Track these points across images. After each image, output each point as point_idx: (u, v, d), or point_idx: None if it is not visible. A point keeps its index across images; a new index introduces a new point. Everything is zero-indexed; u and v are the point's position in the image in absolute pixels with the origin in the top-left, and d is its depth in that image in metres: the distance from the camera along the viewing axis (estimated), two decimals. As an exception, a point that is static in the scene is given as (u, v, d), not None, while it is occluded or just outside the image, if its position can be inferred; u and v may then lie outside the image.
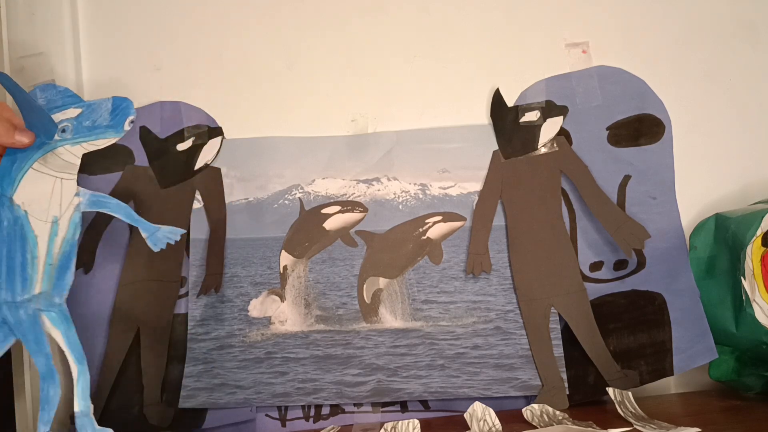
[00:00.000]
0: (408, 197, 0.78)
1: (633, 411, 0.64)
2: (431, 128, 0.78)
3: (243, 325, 0.74)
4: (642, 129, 0.76)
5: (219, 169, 0.78)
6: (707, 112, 0.79)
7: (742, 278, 0.66)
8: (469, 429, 0.62)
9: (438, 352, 0.72)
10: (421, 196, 0.78)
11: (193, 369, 0.72)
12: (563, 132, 0.77)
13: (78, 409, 0.57)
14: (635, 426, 0.59)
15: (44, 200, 0.59)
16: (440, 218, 0.76)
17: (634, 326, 0.72)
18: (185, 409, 0.71)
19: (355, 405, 0.72)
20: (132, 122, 0.62)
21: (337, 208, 0.77)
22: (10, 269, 0.57)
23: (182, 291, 0.75)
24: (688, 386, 0.76)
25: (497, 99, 0.78)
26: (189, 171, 0.77)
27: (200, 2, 0.80)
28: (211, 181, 0.77)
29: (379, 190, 0.78)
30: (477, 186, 0.77)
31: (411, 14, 0.80)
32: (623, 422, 0.61)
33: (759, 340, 0.65)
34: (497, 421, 0.62)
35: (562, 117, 0.77)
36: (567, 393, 0.70)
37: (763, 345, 0.65)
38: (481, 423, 0.62)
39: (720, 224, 0.71)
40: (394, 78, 0.79)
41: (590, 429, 0.57)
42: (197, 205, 0.77)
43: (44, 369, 0.56)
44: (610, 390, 0.66)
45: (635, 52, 0.78)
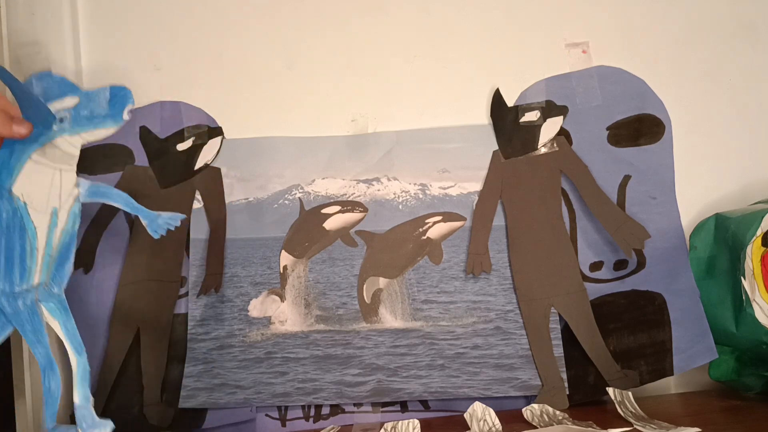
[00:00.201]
0: (408, 197, 0.78)
1: (633, 411, 0.64)
2: (431, 128, 0.78)
3: (243, 325, 0.74)
4: (642, 129, 0.76)
5: (219, 169, 0.78)
6: (707, 112, 0.79)
7: (742, 278, 0.66)
8: (469, 429, 0.62)
9: (438, 352, 0.72)
10: (421, 196, 0.78)
11: (193, 369, 0.72)
12: (563, 132, 0.77)
13: (77, 401, 0.56)
14: (635, 426, 0.59)
15: (44, 191, 0.58)
16: (440, 218, 0.76)
17: (634, 326, 0.72)
18: (185, 409, 0.71)
19: (355, 405, 0.72)
20: (131, 111, 0.61)
21: (337, 208, 0.77)
22: (9, 260, 0.57)
23: (182, 291, 0.75)
24: (688, 386, 0.76)
25: (497, 99, 0.78)
26: (189, 171, 0.77)
27: (200, 2, 0.80)
28: (211, 181, 0.77)
29: (379, 190, 0.78)
30: (477, 186, 0.77)
31: (411, 14, 0.80)
32: (623, 422, 0.61)
33: (759, 340, 0.65)
34: (497, 421, 0.62)
35: (562, 117, 0.77)
36: (567, 393, 0.70)
37: (763, 345, 0.65)
38: (481, 423, 0.62)
39: (720, 224, 0.71)
40: (394, 78, 0.80)
41: (590, 429, 0.57)
42: (197, 205, 0.77)
43: (44, 360, 0.56)
44: (610, 390, 0.66)
45: (635, 52, 0.78)
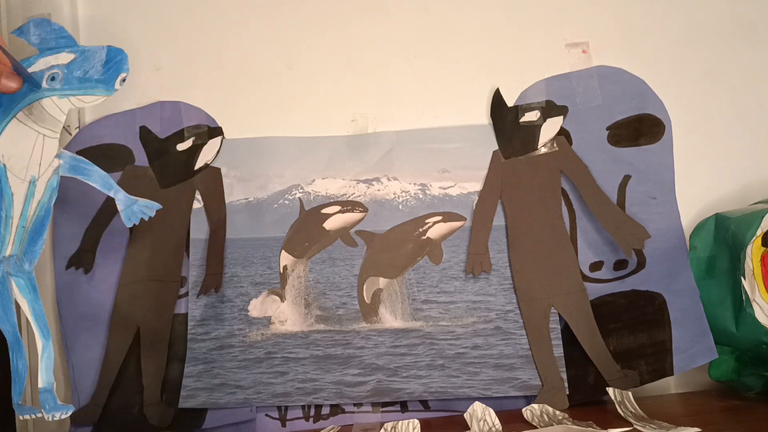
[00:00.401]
0: (408, 197, 0.78)
1: (633, 411, 0.64)
2: (431, 128, 0.78)
3: (243, 325, 0.74)
4: (642, 129, 0.76)
5: (219, 169, 0.78)
6: (707, 112, 0.79)
7: (742, 278, 0.66)
8: (469, 429, 0.62)
9: (438, 352, 0.72)
10: (421, 196, 0.78)
11: (193, 369, 0.72)
12: (563, 132, 0.77)
13: (42, 385, 0.55)
14: (635, 426, 0.59)
15: (24, 156, 0.56)
16: (440, 218, 0.76)
17: (634, 326, 0.72)
18: (185, 409, 0.71)
19: (355, 405, 0.72)
20: (124, 80, 0.60)
21: (337, 208, 0.77)
22: None
23: (182, 291, 0.75)
24: (688, 386, 0.76)
25: (497, 99, 0.78)
26: (189, 171, 0.77)
27: (200, 2, 0.80)
28: (211, 181, 0.77)
29: (379, 190, 0.78)
30: (477, 186, 0.77)
31: (411, 14, 0.80)
32: (623, 422, 0.61)
33: (759, 340, 0.65)
34: (497, 421, 0.62)
35: (562, 117, 0.77)
36: (567, 393, 0.70)
37: (763, 345, 0.65)
38: (481, 423, 0.62)
39: (720, 224, 0.71)
40: (394, 78, 0.80)
41: (590, 429, 0.57)
42: (197, 205, 0.77)
43: (11, 338, 0.54)
44: (610, 390, 0.66)
45: (635, 52, 0.78)
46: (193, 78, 0.79)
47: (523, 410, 0.66)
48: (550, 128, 0.77)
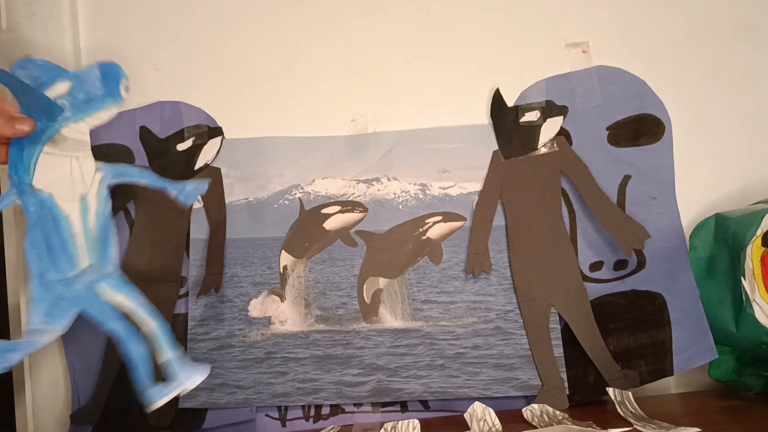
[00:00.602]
0: (408, 197, 0.78)
1: (633, 411, 0.64)
2: (431, 128, 0.78)
3: (243, 325, 0.74)
4: (642, 129, 0.76)
5: (219, 169, 0.78)
6: (707, 112, 0.79)
7: (742, 278, 0.66)
8: (469, 429, 0.62)
9: (438, 352, 0.72)
10: (421, 196, 0.78)
11: (193, 369, 0.72)
12: (563, 132, 0.77)
13: (170, 356, 0.57)
14: (635, 426, 0.59)
15: (66, 180, 0.59)
16: (440, 218, 0.76)
17: (634, 326, 0.72)
18: (185, 409, 0.71)
19: (355, 405, 0.72)
20: (127, 87, 0.61)
21: (337, 208, 0.77)
22: (51, 250, 0.57)
23: (182, 291, 0.75)
24: (688, 386, 0.76)
25: (497, 99, 0.78)
26: (189, 171, 0.77)
27: (200, 2, 0.80)
28: (211, 181, 0.77)
29: (379, 190, 0.78)
30: (477, 186, 0.77)
31: (411, 14, 0.80)
32: (623, 422, 0.61)
33: (759, 340, 0.65)
34: (497, 421, 0.62)
35: (562, 117, 0.77)
36: (567, 393, 0.70)
37: (763, 345, 0.65)
38: (481, 423, 0.62)
39: (720, 224, 0.71)
40: (394, 78, 0.79)
41: (590, 429, 0.57)
42: (197, 205, 0.77)
43: (122, 331, 0.57)
44: (610, 390, 0.66)
45: (635, 52, 0.78)
46: (193, 78, 0.79)
47: (523, 410, 0.66)
48: (550, 128, 0.77)
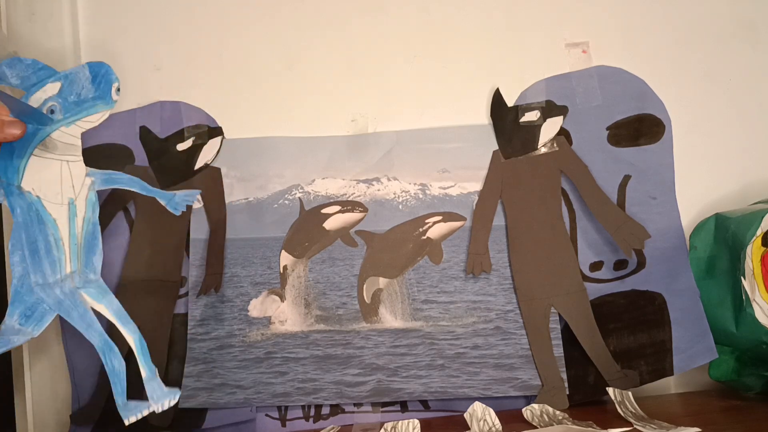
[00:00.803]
0: (408, 197, 0.78)
1: (633, 411, 0.64)
2: (431, 128, 0.78)
3: (243, 325, 0.74)
4: (642, 129, 0.76)
5: (219, 169, 0.78)
6: (707, 112, 0.79)
7: (742, 278, 0.66)
8: (469, 429, 0.62)
9: (438, 352, 0.72)
10: (421, 196, 0.78)
11: (193, 369, 0.72)
12: (563, 132, 0.77)
13: (145, 375, 0.58)
14: (635, 426, 0.59)
15: (55, 184, 0.59)
16: (440, 218, 0.76)
17: (634, 326, 0.72)
18: (185, 409, 0.71)
19: (355, 405, 0.72)
20: (118, 89, 0.62)
21: (337, 208, 0.77)
22: (34, 253, 0.58)
23: (182, 291, 0.75)
24: (688, 386, 0.76)
25: (497, 99, 0.78)
26: (189, 171, 0.77)
27: (200, 2, 0.80)
28: (211, 181, 0.77)
29: (379, 190, 0.78)
30: (477, 186, 0.77)
31: (411, 14, 0.80)
32: (623, 422, 0.61)
33: (759, 340, 0.65)
34: (497, 421, 0.62)
35: (562, 117, 0.77)
36: (567, 393, 0.70)
37: (763, 345, 0.65)
38: (481, 423, 0.62)
39: (720, 224, 0.71)
40: (394, 78, 0.79)
41: (590, 429, 0.57)
42: (197, 205, 0.77)
43: (100, 342, 0.58)
44: (610, 390, 0.66)
45: (635, 52, 0.78)
46: (193, 78, 0.79)
47: (523, 410, 0.66)
48: (550, 128, 0.77)
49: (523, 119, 0.77)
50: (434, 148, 0.78)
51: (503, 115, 0.78)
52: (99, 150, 0.76)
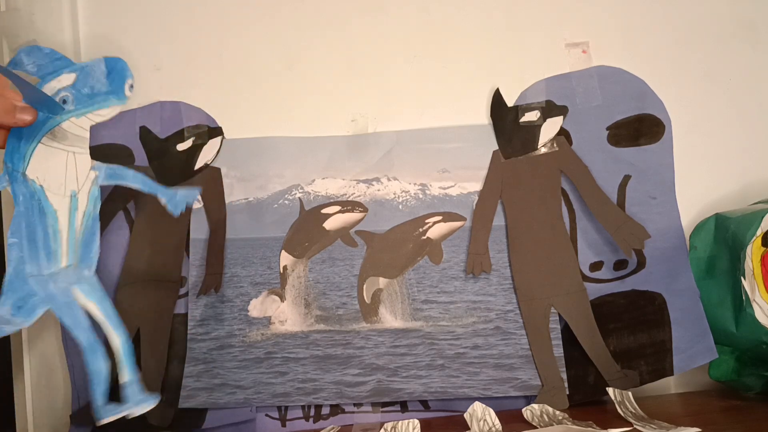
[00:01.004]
0: (408, 197, 0.78)
1: (633, 411, 0.64)
2: (431, 128, 0.78)
3: (243, 325, 0.74)
4: (642, 129, 0.76)
5: (219, 169, 0.78)
6: (707, 112, 0.79)
7: (742, 278, 0.66)
8: (469, 429, 0.62)
9: (438, 352, 0.72)
10: (421, 196, 0.78)
11: (193, 369, 0.72)
12: (563, 132, 0.77)
13: (126, 379, 0.57)
14: (635, 426, 0.59)
15: (59, 175, 0.59)
16: (440, 218, 0.76)
17: (634, 326, 0.72)
18: (185, 409, 0.71)
19: (355, 405, 0.72)
20: (132, 86, 0.62)
21: (337, 208, 0.77)
22: (32, 242, 0.57)
23: (182, 291, 0.75)
24: (688, 386, 0.76)
25: (497, 99, 0.78)
26: (189, 171, 0.77)
27: (200, 2, 0.80)
28: (211, 181, 0.77)
29: (379, 190, 0.78)
30: (477, 186, 0.77)
31: (411, 14, 0.80)
32: (623, 422, 0.61)
33: (759, 340, 0.65)
34: (497, 421, 0.62)
35: (562, 117, 0.77)
36: (567, 393, 0.70)
37: (763, 345, 0.65)
38: (481, 423, 0.62)
39: (720, 224, 0.71)
40: (394, 78, 0.79)
41: (590, 429, 0.57)
42: (197, 205, 0.77)
43: (85, 341, 0.57)
44: (610, 390, 0.66)
45: (635, 52, 0.78)
46: (193, 78, 0.79)
47: (523, 410, 0.66)
48: (550, 128, 0.77)
49: (523, 119, 0.77)
50: (434, 148, 0.78)
51: (503, 115, 0.78)
52: (99, 150, 0.75)
